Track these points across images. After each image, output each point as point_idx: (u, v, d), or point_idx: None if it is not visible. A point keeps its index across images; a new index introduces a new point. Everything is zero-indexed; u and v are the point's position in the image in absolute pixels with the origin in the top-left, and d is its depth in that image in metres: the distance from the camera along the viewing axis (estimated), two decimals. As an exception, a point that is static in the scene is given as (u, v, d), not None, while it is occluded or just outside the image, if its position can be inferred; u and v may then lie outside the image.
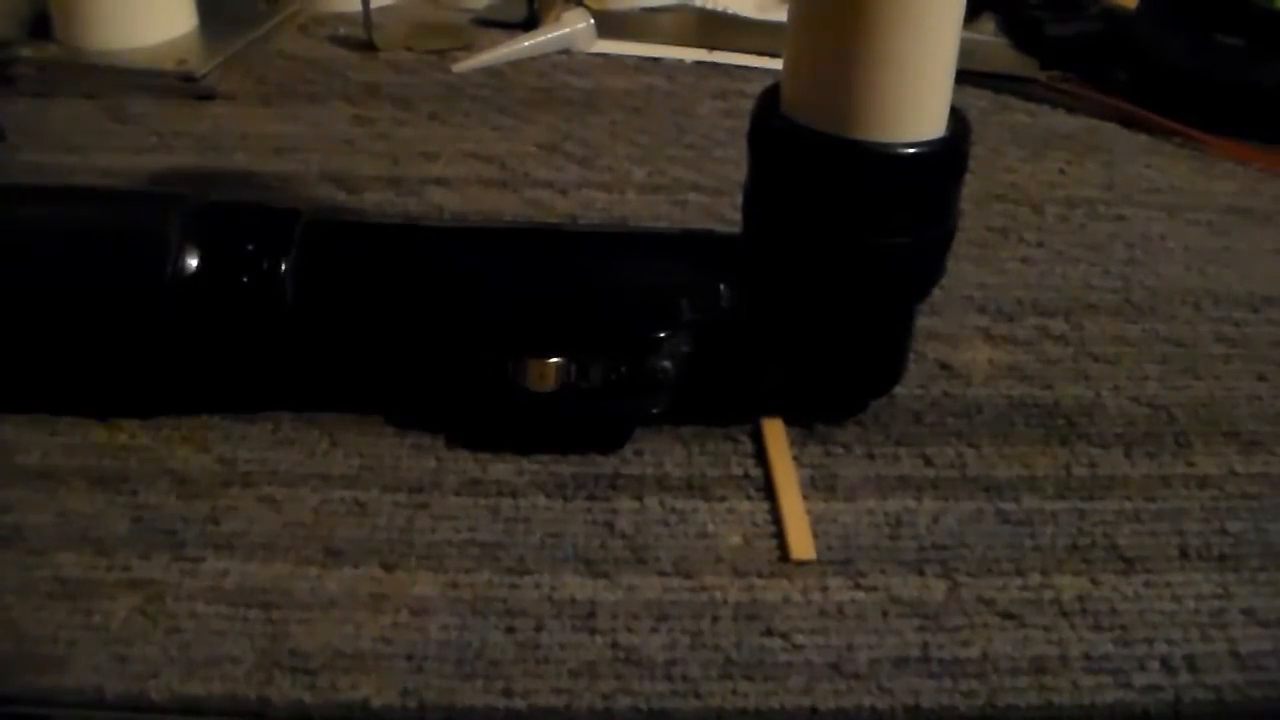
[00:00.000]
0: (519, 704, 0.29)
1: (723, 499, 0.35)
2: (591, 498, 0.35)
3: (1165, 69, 0.63)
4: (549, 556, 0.33)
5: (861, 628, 0.31)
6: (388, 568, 0.33)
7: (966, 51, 0.35)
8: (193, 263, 0.35)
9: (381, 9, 0.71)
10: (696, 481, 0.36)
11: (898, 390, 0.40)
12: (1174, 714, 0.29)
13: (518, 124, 0.59)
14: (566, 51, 0.68)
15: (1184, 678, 0.30)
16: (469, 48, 0.67)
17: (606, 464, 0.36)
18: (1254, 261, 0.49)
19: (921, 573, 0.33)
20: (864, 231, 0.34)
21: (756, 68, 0.66)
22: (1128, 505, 0.36)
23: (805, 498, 0.35)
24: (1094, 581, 0.33)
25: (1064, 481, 0.37)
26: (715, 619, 0.31)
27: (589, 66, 0.66)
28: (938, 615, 0.32)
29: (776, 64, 0.35)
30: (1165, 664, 0.31)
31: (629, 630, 0.31)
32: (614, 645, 0.30)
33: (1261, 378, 0.42)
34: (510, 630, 0.31)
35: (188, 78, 0.60)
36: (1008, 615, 0.32)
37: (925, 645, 0.31)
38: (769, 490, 0.36)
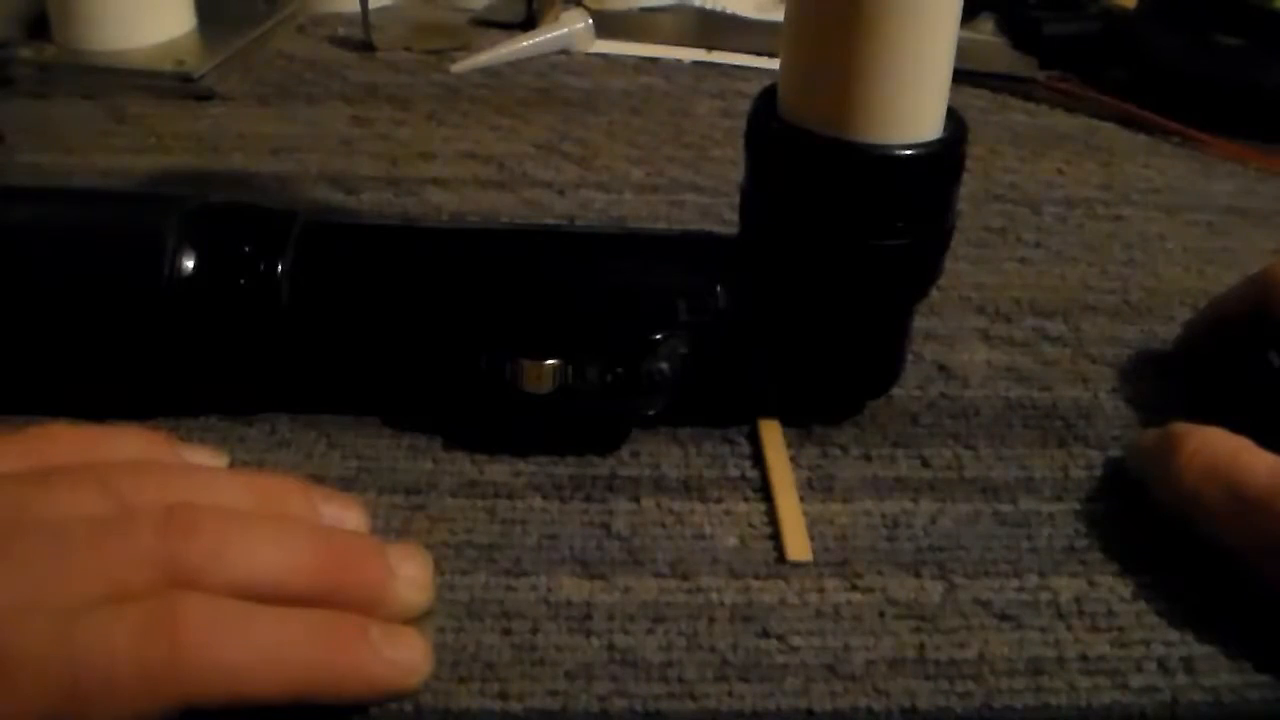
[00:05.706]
0: (515, 706, 0.29)
1: (719, 500, 0.35)
2: (588, 499, 0.35)
3: (1164, 69, 0.63)
4: (545, 558, 0.33)
5: (858, 629, 0.31)
6: (384, 569, 0.33)
7: (964, 51, 0.35)
8: (189, 264, 0.35)
9: (380, 9, 0.71)
10: (693, 483, 0.36)
11: (895, 391, 0.40)
12: (1171, 715, 0.29)
13: (516, 124, 0.59)
14: (565, 52, 0.68)
15: (1181, 679, 0.30)
16: (467, 48, 0.67)
17: (603, 465, 0.36)
18: (1253, 262, 0.49)
19: (918, 574, 0.33)
20: (861, 233, 0.34)
21: (755, 68, 0.66)
22: (1125, 507, 0.36)
23: (802, 499, 0.35)
24: (1091, 583, 0.33)
25: (1061, 483, 0.37)
26: (711, 620, 0.31)
27: (587, 67, 0.66)
28: (934, 617, 0.32)
29: (775, 64, 0.35)
30: (1162, 665, 0.31)
31: (625, 632, 0.31)
32: (610, 647, 0.30)
33: (1259, 378, 0.42)
34: (506, 632, 0.31)
35: (186, 78, 0.60)
36: (1004, 616, 0.32)
37: (921, 646, 0.31)
38: (766, 492, 0.36)
